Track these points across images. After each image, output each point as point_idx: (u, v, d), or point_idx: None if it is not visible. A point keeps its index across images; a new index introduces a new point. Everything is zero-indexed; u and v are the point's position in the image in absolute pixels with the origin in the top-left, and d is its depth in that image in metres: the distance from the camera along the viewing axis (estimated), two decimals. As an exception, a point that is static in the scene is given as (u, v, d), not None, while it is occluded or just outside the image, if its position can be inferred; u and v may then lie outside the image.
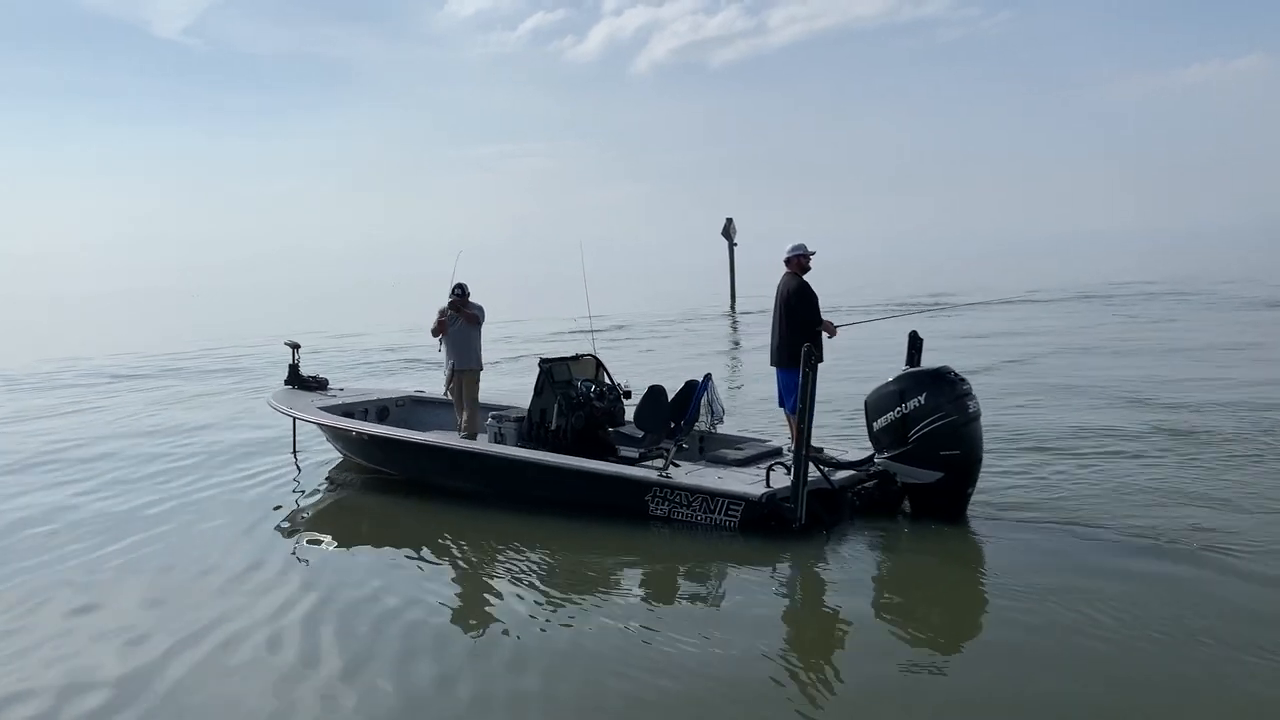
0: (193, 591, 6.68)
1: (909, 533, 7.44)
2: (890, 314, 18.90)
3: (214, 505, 9.08)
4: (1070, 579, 6.12)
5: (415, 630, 5.83)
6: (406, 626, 5.88)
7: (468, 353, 9.95)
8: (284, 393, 11.05)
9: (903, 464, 7.45)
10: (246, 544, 7.77)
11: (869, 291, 41.68)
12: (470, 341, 9.97)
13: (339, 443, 10.19)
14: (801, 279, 8.38)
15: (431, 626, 5.92)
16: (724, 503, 7.41)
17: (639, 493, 7.76)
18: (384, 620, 5.97)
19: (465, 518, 8.38)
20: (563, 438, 8.70)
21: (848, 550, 7.14)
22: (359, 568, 7.21)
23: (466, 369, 9.91)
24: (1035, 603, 5.79)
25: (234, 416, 14.41)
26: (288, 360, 11.33)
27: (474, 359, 10.00)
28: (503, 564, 7.17)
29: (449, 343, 9.96)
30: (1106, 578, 6.13)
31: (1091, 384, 13.85)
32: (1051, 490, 8.21)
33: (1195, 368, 15.04)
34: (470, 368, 9.92)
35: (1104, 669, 4.91)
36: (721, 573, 6.85)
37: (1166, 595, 5.82)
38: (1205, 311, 23.83)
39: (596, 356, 9.49)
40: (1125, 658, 5.03)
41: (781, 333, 8.41)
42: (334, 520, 8.74)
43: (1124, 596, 5.79)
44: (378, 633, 5.77)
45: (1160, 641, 5.20)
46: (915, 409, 7.32)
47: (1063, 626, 5.43)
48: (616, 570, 6.98)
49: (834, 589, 6.51)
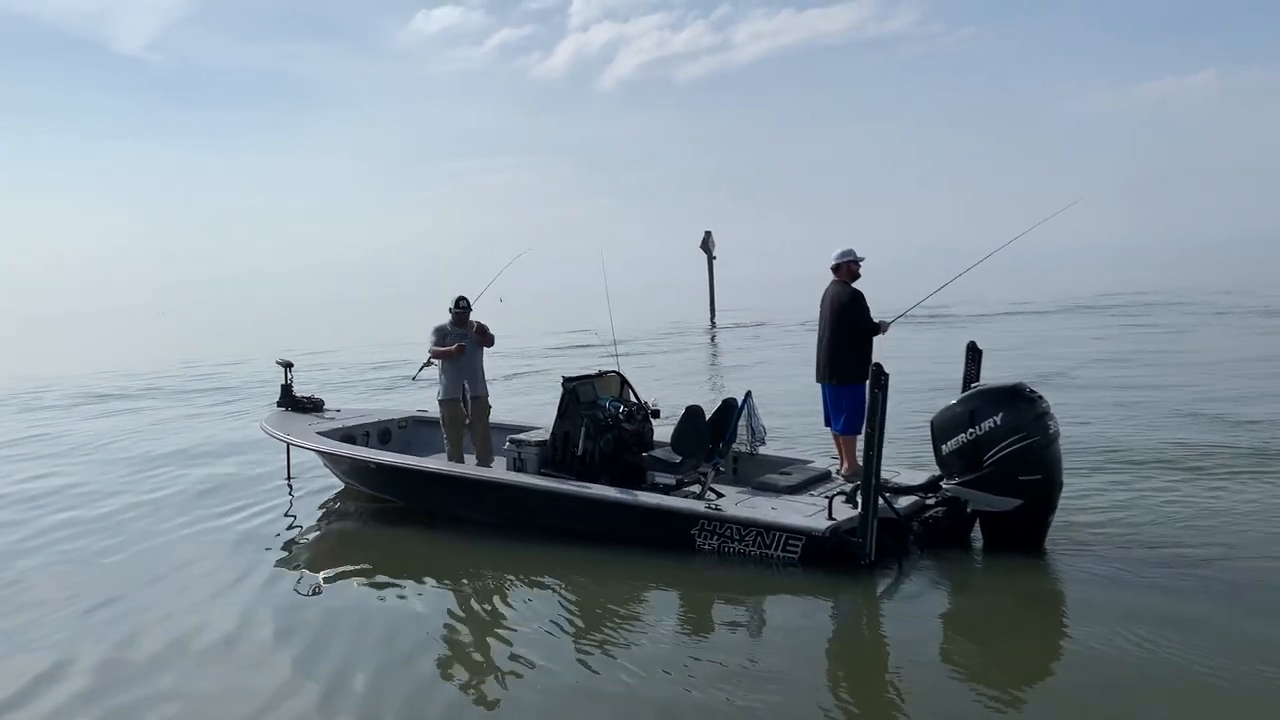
0: (169, 663, 5.65)
1: (981, 565, 6.81)
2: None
3: (197, 546, 8.18)
4: (1161, 620, 5.49)
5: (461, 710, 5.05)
6: (449, 703, 5.09)
7: (476, 376, 8.95)
8: (277, 415, 10.24)
9: (976, 490, 6.78)
10: (237, 596, 6.84)
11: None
12: (478, 364, 9.02)
13: (339, 469, 9.39)
14: (851, 287, 7.69)
15: (481, 694, 5.17)
16: (782, 537, 6.72)
17: (684, 526, 7.07)
18: (423, 690, 5.22)
19: (483, 549, 7.71)
20: (590, 463, 7.98)
21: (914, 584, 6.52)
22: (375, 618, 6.40)
23: (477, 395, 8.94)
24: (1124, 646, 5.19)
25: (220, 440, 13.52)
26: (279, 380, 10.52)
27: (483, 383, 9.05)
28: (536, 600, 6.53)
29: (451, 365, 8.81)
30: (1201, 619, 5.49)
31: (1145, 398, 12.94)
32: (1137, 515, 7.56)
33: (1253, 382, 13.93)
34: (480, 394, 8.95)
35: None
36: (774, 609, 6.25)
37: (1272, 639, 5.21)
38: (1216, 321, 23.28)
39: (621, 373, 8.79)
40: (1221, 711, 4.47)
41: (831, 345, 7.71)
42: (339, 557, 7.89)
43: (1221, 639, 5.20)
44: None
45: (1262, 693, 4.61)
46: (990, 430, 6.66)
47: (1153, 675, 4.85)
48: (656, 605, 6.40)
49: (901, 628, 5.89)
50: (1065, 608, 6.11)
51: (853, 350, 7.57)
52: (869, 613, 6.26)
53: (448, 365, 8.73)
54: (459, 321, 8.85)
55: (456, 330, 8.84)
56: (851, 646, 5.85)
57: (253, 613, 6.46)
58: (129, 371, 25.76)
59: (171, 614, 6.48)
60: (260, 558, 7.78)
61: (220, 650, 5.82)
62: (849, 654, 5.71)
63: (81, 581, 7.26)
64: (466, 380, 8.77)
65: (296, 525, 8.81)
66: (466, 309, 8.86)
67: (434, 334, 8.81)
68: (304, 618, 6.36)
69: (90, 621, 6.39)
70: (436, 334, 8.79)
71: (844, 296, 7.65)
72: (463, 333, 8.85)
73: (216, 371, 24.55)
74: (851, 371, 7.59)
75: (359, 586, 7.01)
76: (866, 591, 6.36)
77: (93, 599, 6.81)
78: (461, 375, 8.76)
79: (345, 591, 6.92)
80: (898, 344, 9.34)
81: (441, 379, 8.79)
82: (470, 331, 8.85)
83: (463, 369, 8.76)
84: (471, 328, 8.86)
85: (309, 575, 7.28)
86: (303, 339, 35.09)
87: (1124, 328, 22.20)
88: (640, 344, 26.76)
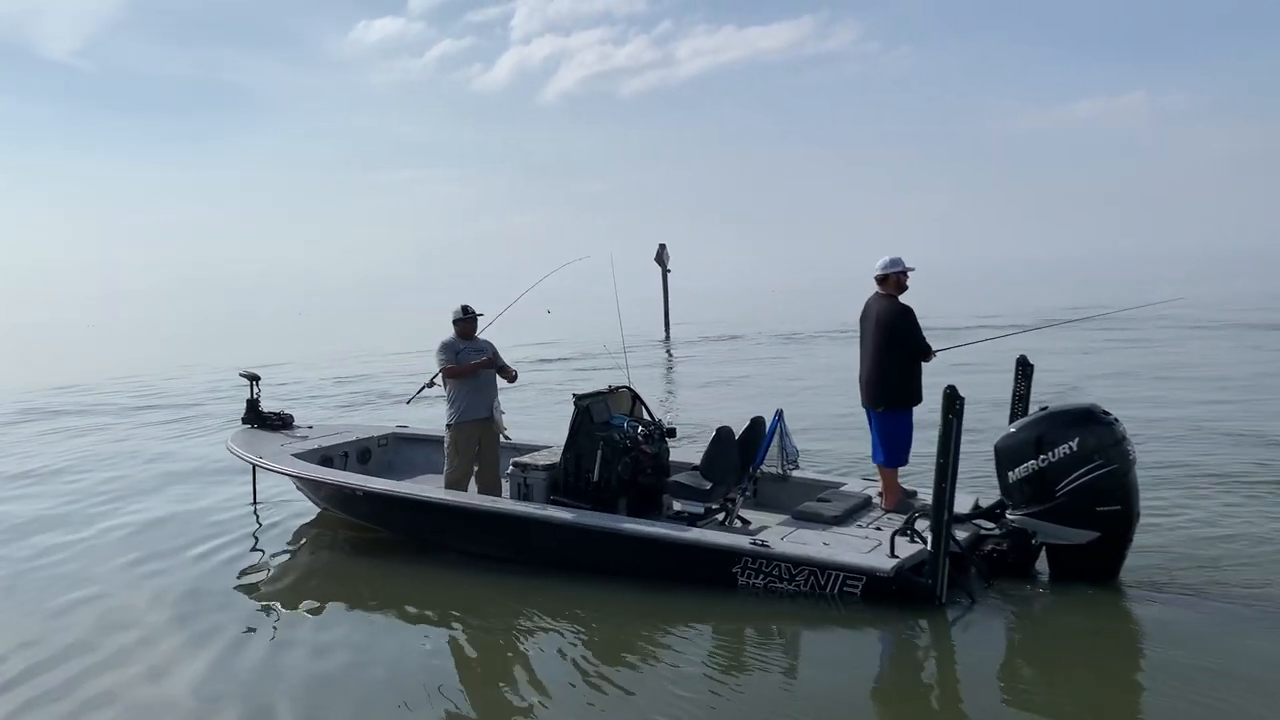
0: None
1: (1053, 600, 6.20)
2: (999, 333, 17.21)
3: (143, 594, 7.00)
4: (1252, 667, 5.03)
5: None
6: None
7: (489, 399, 7.97)
8: (244, 434, 9.28)
9: (1048, 522, 6.17)
10: (194, 665, 5.67)
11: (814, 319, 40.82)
12: (493, 385, 8.06)
13: (317, 495, 8.47)
14: (900, 301, 7.02)
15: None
16: (838, 577, 6.04)
17: (726, 563, 6.34)
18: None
19: (482, 583, 6.98)
20: (606, 489, 7.22)
21: (978, 622, 5.89)
22: (367, 673, 5.56)
23: (490, 418, 7.98)
24: (1204, 694, 4.74)
25: (171, 461, 12.42)
26: (245, 395, 9.57)
27: (497, 406, 8.10)
28: (548, 642, 5.89)
29: (463, 387, 7.80)
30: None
31: (1182, 415, 12.16)
32: (1214, 543, 7.03)
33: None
34: (495, 417, 8.03)
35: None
36: (827, 649, 5.68)
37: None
38: (1198, 334, 23.05)
39: (632, 389, 8.05)
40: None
41: (876, 367, 7.00)
42: (321, 599, 6.96)
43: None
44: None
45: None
46: (1064, 457, 6.06)
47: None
48: (689, 645, 5.72)
49: (966, 671, 5.40)
50: (1140, 644, 5.59)
51: (900, 372, 6.91)
52: (934, 652, 5.69)
53: (463, 384, 7.80)
54: (465, 334, 7.94)
55: (468, 345, 7.91)
56: (914, 691, 5.26)
57: (217, 689, 5.36)
58: (59, 385, 24.25)
59: (110, 693, 5.35)
60: (223, 608, 6.68)
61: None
62: (911, 698, 5.16)
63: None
64: (480, 403, 7.85)
65: (266, 563, 7.81)
66: (474, 318, 7.96)
67: (444, 352, 7.82)
68: (286, 686, 5.43)
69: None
70: (447, 352, 7.82)
71: (893, 312, 6.95)
72: (477, 346, 7.93)
73: (156, 386, 23.11)
74: (898, 397, 6.93)
75: (346, 637, 6.10)
76: (931, 629, 5.76)
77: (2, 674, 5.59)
78: (481, 394, 7.86)
79: (330, 651, 5.87)
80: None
81: (455, 399, 7.82)
82: (486, 359, 7.90)
83: (483, 387, 7.89)
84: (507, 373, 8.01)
85: (286, 625, 6.38)
86: (243, 352, 33.49)
87: (1109, 342, 21.81)
88: (606, 358, 25.85)
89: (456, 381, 7.76)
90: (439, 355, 7.83)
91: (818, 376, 19.09)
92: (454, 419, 7.80)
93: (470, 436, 7.80)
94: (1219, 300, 35.71)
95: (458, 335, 7.91)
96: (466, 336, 7.92)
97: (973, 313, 35.68)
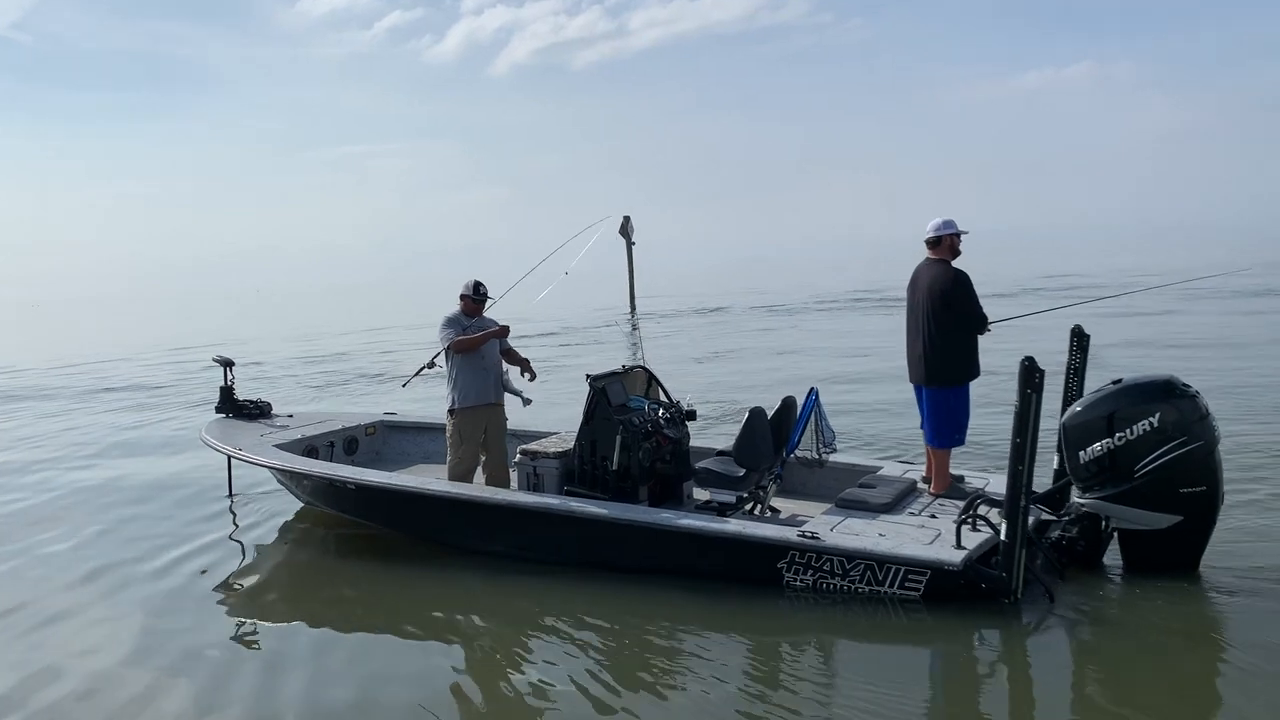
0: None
1: (1130, 593, 5.69)
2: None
3: (109, 608, 6.24)
4: None
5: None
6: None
7: (495, 381, 7.19)
8: (218, 424, 8.48)
9: (1124, 505, 5.62)
10: (170, 700, 4.89)
11: (787, 293, 40.31)
12: (499, 367, 7.27)
13: (302, 489, 7.72)
14: (955, 267, 6.38)
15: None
16: (898, 571, 5.45)
17: (771, 558, 5.73)
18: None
19: (490, 584, 6.33)
20: (626, 479, 6.58)
21: (1053, 624, 5.31)
22: (372, 684, 4.91)
23: (497, 403, 7.21)
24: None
25: (135, 451, 11.57)
26: (219, 381, 8.76)
27: (502, 390, 7.34)
28: (560, 648, 5.31)
29: (468, 367, 7.01)
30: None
31: (1245, 382, 11.60)
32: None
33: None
34: (500, 402, 7.25)
35: None
36: (884, 657, 5.11)
37: None
38: (1207, 304, 22.53)
39: (647, 368, 7.40)
40: None
41: (930, 339, 6.35)
42: (313, 608, 6.29)
43: None
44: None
45: None
46: (1143, 435, 5.51)
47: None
48: (724, 649, 5.18)
49: (1044, 680, 4.82)
50: (1223, 638, 5.09)
51: (957, 345, 6.29)
52: (1007, 660, 5.13)
53: (468, 365, 7.01)
54: (471, 312, 7.14)
55: (474, 323, 7.12)
56: (988, 698, 4.74)
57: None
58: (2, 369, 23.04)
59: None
60: (201, 627, 5.87)
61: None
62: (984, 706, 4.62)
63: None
64: (490, 385, 7.09)
65: (249, 568, 7.05)
66: (485, 298, 7.16)
67: (448, 327, 7.01)
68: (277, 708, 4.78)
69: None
70: (452, 326, 7.01)
71: (948, 278, 6.28)
72: (482, 326, 7.12)
73: (105, 369, 21.99)
74: (954, 371, 6.33)
75: (349, 658, 5.41)
76: (992, 626, 5.25)
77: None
78: (487, 376, 7.09)
79: (332, 674, 5.17)
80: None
81: (457, 381, 7.02)
82: (500, 326, 7.12)
83: (489, 368, 7.12)
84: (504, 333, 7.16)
85: (278, 642, 5.67)
86: (198, 333, 32.19)
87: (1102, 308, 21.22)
88: (579, 334, 25.17)
89: (461, 362, 6.98)
90: (442, 330, 7.03)
91: (813, 349, 18.62)
92: (457, 403, 7.02)
93: (476, 423, 7.04)
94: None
95: (463, 312, 7.14)
96: (471, 315, 7.14)
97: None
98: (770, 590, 5.72)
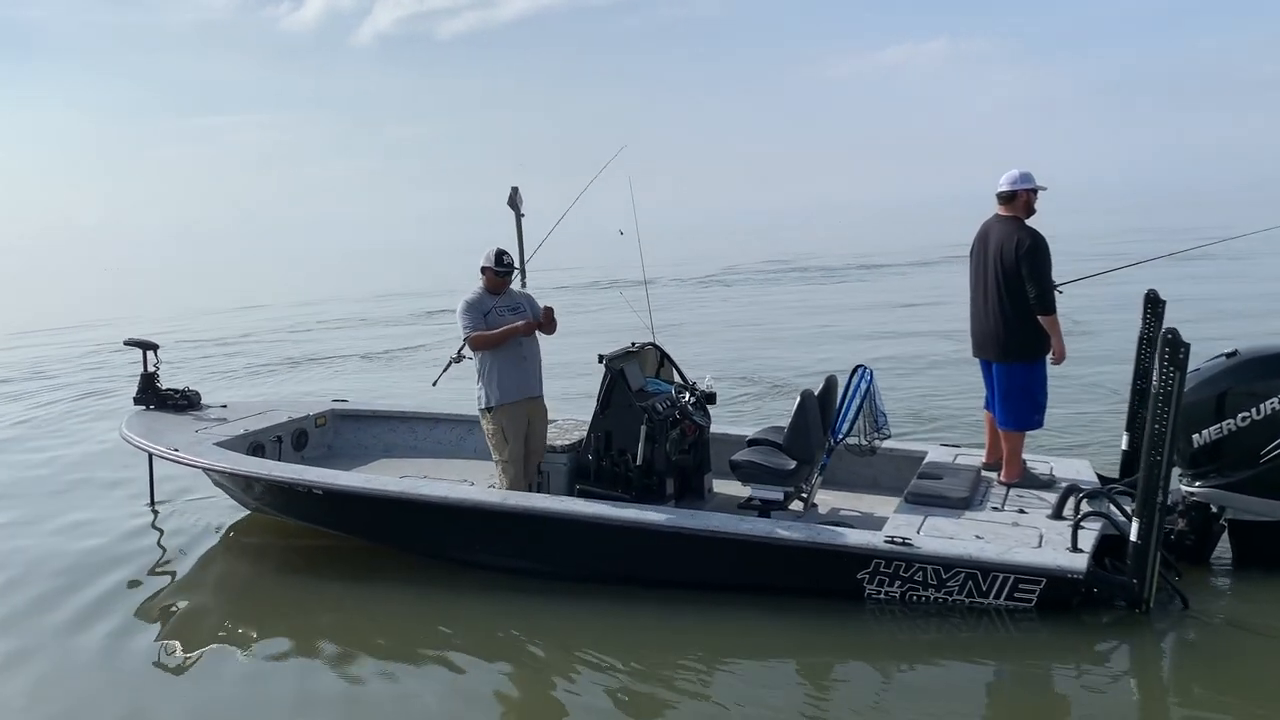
0: None
1: (1262, 589, 5.02)
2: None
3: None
4: None
5: None
6: None
7: (536, 369, 5.95)
8: (141, 417, 7.11)
9: (1244, 494, 4.97)
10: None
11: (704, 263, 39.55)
12: (538, 350, 6.01)
13: (248, 492, 6.48)
14: (1030, 226, 5.57)
15: None
16: (1007, 580, 4.66)
17: (851, 568, 4.87)
18: None
19: (488, 603, 5.35)
20: (651, 474, 5.64)
21: (1182, 623, 4.67)
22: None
23: (537, 396, 5.96)
24: None
25: (17, 453, 10.01)
26: (138, 368, 7.40)
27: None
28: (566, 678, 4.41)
29: (505, 356, 5.75)
30: None
31: None
32: None
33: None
34: (540, 394, 6.00)
35: None
36: (999, 670, 4.46)
37: None
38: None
39: (659, 346, 6.44)
40: None
41: (1002, 307, 5.54)
42: (265, 641, 5.11)
43: None
44: None
45: None
46: (1271, 415, 4.85)
47: None
48: (806, 673, 4.45)
49: (1195, 690, 4.24)
50: None
51: (1030, 314, 5.49)
52: (1139, 667, 4.50)
53: (504, 353, 5.76)
54: (495, 288, 5.84)
55: (500, 302, 5.82)
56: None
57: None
58: None
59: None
60: (122, 684, 4.72)
61: None
62: None
63: None
64: (530, 376, 5.86)
65: (182, 591, 5.86)
66: (510, 268, 5.88)
67: (467, 315, 5.71)
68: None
69: None
70: (472, 314, 5.72)
71: (1023, 238, 5.47)
72: (511, 303, 5.86)
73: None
74: (1029, 344, 5.53)
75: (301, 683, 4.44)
76: (1128, 638, 4.58)
77: None
78: (528, 365, 5.85)
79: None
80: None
81: (492, 374, 5.74)
82: (527, 321, 5.83)
83: (529, 355, 5.88)
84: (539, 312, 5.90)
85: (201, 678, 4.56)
86: (60, 315, 29.19)
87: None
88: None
89: (493, 351, 5.75)
90: (462, 320, 5.73)
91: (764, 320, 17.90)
92: (495, 400, 5.75)
93: (519, 420, 5.79)
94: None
95: (485, 290, 5.85)
96: (496, 291, 5.85)
97: (849, 253, 35.48)
98: (846, 604, 4.88)
